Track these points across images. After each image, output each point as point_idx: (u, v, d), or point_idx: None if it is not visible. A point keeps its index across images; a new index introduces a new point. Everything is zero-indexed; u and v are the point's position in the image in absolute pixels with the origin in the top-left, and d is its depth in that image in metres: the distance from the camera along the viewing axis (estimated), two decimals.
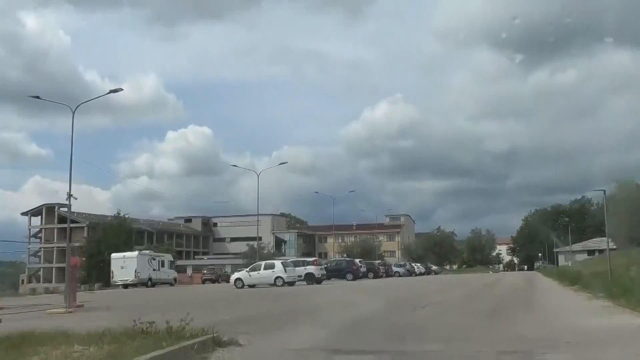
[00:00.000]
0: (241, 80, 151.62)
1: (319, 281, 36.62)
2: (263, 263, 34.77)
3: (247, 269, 35.12)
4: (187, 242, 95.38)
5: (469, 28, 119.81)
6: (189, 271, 72.28)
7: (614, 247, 69.93)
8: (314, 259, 38.19)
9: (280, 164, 67.55)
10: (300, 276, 36.14)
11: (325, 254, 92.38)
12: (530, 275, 55.76)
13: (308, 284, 35.96)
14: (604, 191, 25.33)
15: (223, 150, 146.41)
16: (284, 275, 33.31)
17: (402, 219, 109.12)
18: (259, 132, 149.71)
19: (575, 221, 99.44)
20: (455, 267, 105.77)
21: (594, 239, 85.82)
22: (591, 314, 12.21)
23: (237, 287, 33.15)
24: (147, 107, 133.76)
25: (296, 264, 37.23)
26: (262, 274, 33.73)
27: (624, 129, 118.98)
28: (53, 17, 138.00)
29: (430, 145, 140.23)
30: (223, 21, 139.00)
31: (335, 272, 44.50)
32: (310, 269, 36.45)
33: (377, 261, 56.07)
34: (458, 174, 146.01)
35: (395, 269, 59.06)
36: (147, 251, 47.81)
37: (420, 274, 68.26)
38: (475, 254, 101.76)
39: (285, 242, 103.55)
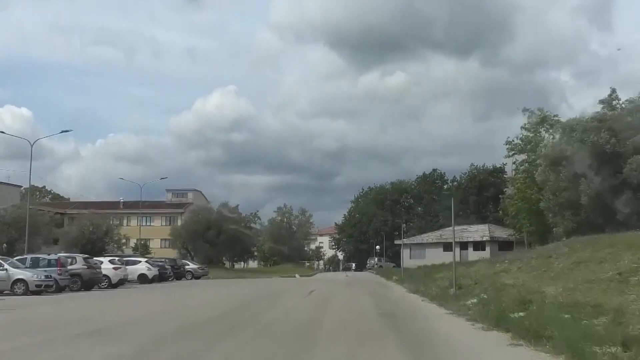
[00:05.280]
0: (66, 61, 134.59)
1: None
2: None
3: None
4: None
5: (306, 25, 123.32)
6: None
7: (512, 238, 44.29)
8: None
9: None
10: None
11: None
12: (382, 291, 24.71)
13: None
14: None
15: (44, 134, 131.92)
16: None
17: (190, 195, 76.39)
18: (83, 117, 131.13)
19: (423, 205, 71.87)
20: (256, 264, 73.58)
21: (450, 227, 58.78)
22: None
23: None
24: None
25: None
26: None
27: (444, 134, 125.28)
28: None
29: (262, 139, 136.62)
30: None
31: None
32: None
33: None
34: (289, 169, 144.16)
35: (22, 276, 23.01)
36: None
37: (148, 280, 34.35)
38: (281, 245, 69.32)
39: None
